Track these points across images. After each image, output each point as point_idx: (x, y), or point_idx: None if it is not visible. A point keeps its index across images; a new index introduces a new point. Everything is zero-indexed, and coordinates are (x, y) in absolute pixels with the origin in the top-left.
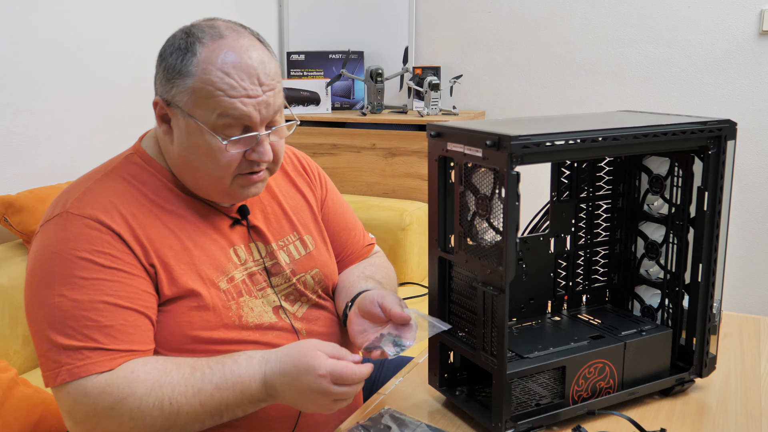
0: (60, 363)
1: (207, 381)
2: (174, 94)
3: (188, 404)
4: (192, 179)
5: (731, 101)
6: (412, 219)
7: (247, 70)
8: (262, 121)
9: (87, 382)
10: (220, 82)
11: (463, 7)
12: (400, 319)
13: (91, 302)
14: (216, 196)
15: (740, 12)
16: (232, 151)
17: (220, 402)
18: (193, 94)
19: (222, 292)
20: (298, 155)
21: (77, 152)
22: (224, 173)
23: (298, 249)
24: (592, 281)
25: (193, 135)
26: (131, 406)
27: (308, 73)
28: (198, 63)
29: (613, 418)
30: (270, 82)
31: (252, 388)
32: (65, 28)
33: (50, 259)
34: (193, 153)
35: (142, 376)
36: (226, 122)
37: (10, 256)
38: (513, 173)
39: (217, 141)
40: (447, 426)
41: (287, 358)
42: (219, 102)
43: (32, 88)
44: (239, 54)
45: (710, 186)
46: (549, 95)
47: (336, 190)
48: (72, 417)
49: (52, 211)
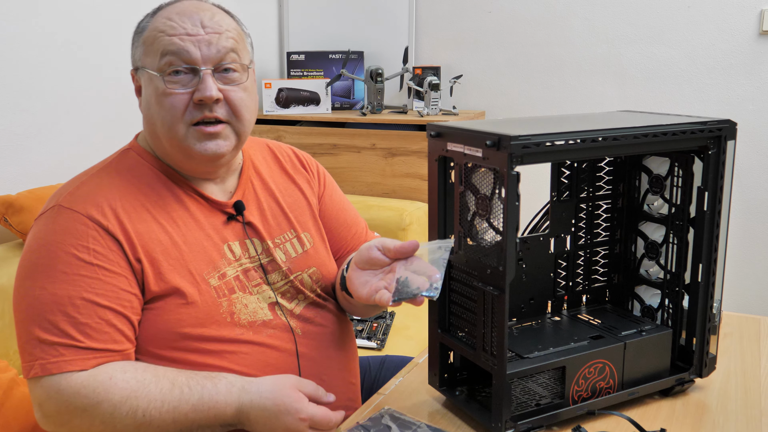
0: (35, 356)
1: (184, 401)
2: (134, 54)
3: (161, 419)
4: (157, 143)
5: (731, 101)
6: (412, 219)
7: (189, 15)
8: (204, 59)
9: (61, 380)
10: (163, 25)
11: (463, 7)
12: (407, 249)
13: (69, 297)
14: (178, 160)
15: (740, 12)
16: (173, 89)
17: (192, 422)
18: (144, 44)
19: (212, 288)
20: (297, 152)
21: (77, 152)
22: (173, 118)
23: (295, 247)
24: (592, 281)
25: (147, 86)
26: (104, 411)
27: (308, 73)
28: (152, 20)
29: (613, 418)
30: (215, 27)
31: (226, 414)
32: (66, 28)
33: (37, 252)
34: (150, 107)
35: (120, 384)
36: (168, 60)
37: (10, 256)
38: (513, 173)
39: (161, 82)
40: (447, 426)
41: (269, 394)
42: (160, 42)
43: (32, 88)
44: (188, 6)
45: (710, 186)
46: (549, 95)
47: (337, 188)
48: (42, 410)
49: (47, 205)
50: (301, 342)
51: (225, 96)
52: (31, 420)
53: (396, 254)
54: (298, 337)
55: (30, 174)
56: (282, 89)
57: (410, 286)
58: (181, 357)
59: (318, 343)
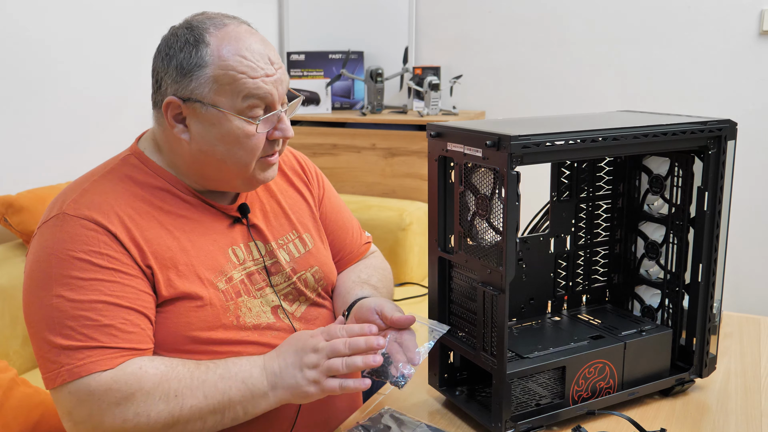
0: (60, 364)
1: (211, 372)
2: (193, 88)
3: (192, 396)
4: (214, 173)
5: (731, 101)
6: (412, 219)
7: (259, 52)
8: (280, 99)
9: (90, 381)
10: (240, 65)
11: (463, 7)
12: (403, 322)
13: (90, 302)
14: (235, 185)
15: (740, 12)
16: (260, 131)
17: (223, 394)
18: (215, 82)
19: (221, 292)
20: (296, 155)
21: (77, 152)
22: (252, 158)
23: (298, 247)
24: (592, 281)
25: (218, 125)
26: (138, 401)
27: (308, 73)
28: (212, 52)
29: (613, 418)
30: (278, 60)
31: (254, 376)
32: (66, 28)
33: (47, 261)
34: (219, 144)
35: (150, 371)
36: (251, 104)
37: (10, 256)
38: (513, 173)
39: (246, 124)
40: (447, 426)
41: (283, 342)
42: (244, 85)
43: (32, 88)
44: (246, 38)
45: (710, 186)
46: (549, 95)
47: (333, 190)
48: (73, 418)
49: (49, 212)
50: None
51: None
52: (30, 420)
53: (391, 324)
54: None
55: (30, 174)
56: None
57: (387, 369)
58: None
59: None
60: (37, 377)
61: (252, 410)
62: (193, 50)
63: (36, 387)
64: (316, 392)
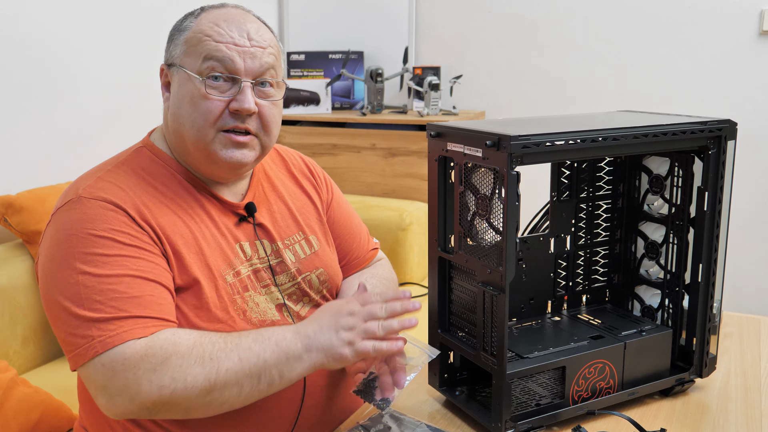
0: (91, 336)
1: (243, 336)
2: (171, 51)
3: (228, 359)
4: (183, 144)
5: (731, 101)
6: (412, 219)
7: (237, 25)
8: (247, 71)
9: (125, 349)
10: (210, 30)
11: (463, 7)
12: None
13: (117, 276)
14: (198, 160)
15: (740, 12)
16: (212, 94)
17: (257, 356)
18: (186, 44)
19: (229, 285)
20: (305, 159)
21: (77, 152)
22: (204, 122)
23: (304, 248)
24: (592, 281)
25: (182, 85)
26: (174, 365)
27: (308, 73)
28: (196, 21)
29: (613, 418)
30: (260, 41)
31: (287, 339)
32: (66, 28)
33: (67, 241)
34: (181, 106)
35: (184, 336)
36: (210, 65)
37: (10, 256)
38: (513, 173)
39: (201, 85)
40: (447, 426)
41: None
42: (205, 46)
43: (32, 88)
44: (233, 15)
45: (710, 186)
46: (549, 95)
47: (341, 194)
48: (108, 391)
49: (63, 199)
50: None
51: (259, 110)
52: (31, 420)
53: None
54: None
55: (30, 174)
56: None
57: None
58: None
59: None
60: (38, 377)
61: (287, 374)
62: (183, 19)
63: (36, 387)
64: (350, 354)
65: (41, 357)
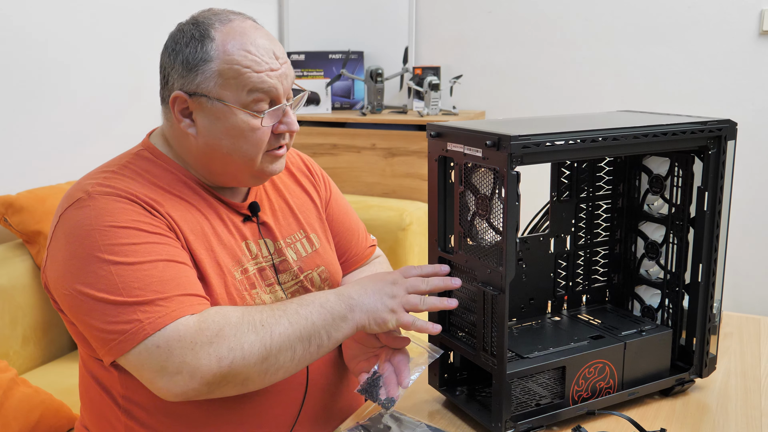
0: (139, 320)
1: (288, 303)
2: (199, 83)
3: (278, 323)
4: (221, 166)
5: (731, 101)
6: (412, 219)
7: (264, 47)
8: (285, 93)
9: (178, 326)
10: (245, 59)
11: (463, 7)
12: (397, 343)
13: (150, 262)
14: (243, 180)
15: (740, 12)
16: (266, 125)
17: (306, 318)
18: (220, 76)
19: (237, 281)
20: (302, 157)
21: (77, 152)
22: (257, 151)
23: (305, 246)
24: (592, 281)
25: (223, 119)
26: (228, 334)
27: (308, 73)
28: (217, 46)
29: (613, 418)
30: (283, 55)
31: (330, 300)
32: (66, 28)
33: (89, 237)
34: (224, 138)
35: (231, 310)
36: (256, 98)
37: (10, 256)
38: (513, 173)
39: (251, 118)
40: (447, 426)
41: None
42: (248, 79)
43: (32, 88)
44: (251, 33)
45: (710, 186)
46: (549, 95)
47: (339, 192)
48: (167, 371)
49: (69, 199)
50: None
51: None
52: (31, 420)
53: (386, 342)
54: None
55: (30, 174)
56: None
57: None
58: None
59: None
60: (38, 377)
61: (335, 334)
62: (198, 45)
63: (36, 387)
64: (391, 321)
65: (41, 357)
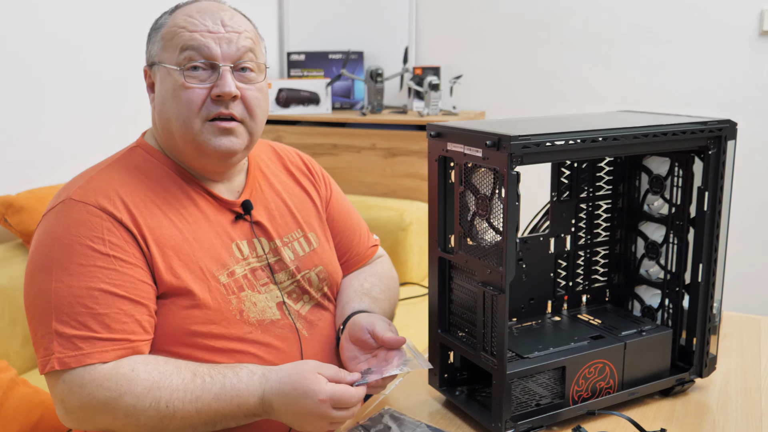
0: (51, 351)
1: (206, 390)
2: (150, 50)
3: (184, 410)
4: (173, 141)
5: (731, 101)
6: (412, 219)
7: (210, 13)
8: (224, 56)
9: (84, 373)
10: (184, 22)
11: (463, 7)
12: (392, 343)
13: (88, 289)
14: (190, 154)
15: (740, 12)
16: (192, 83)
17: (216, 412)
18: (162, 39)
19: (222, 285)
20: (302, 156)
21: (77, 152)
22: (189, 112)
23: (303, 246)
24: (592, 281)
25: (163, 81)
26: (127, 403)
27: (308, 73)
28: (171, 17)
29: (613, 418)
30: (235, 26)
31: (249, 404)
32: (66, 28)
33: (50, 245)
34: (165, 101)
35: (142, 376)
36: (188, 55)
37: (10, 256)
38: (513, 173)
39: (180, 76)
40: (447, 426)
41: (287, 379)
42: (180, 37)
43: (32, 89)
44: (208, 6)
45: (710, 186)
46: (549, 95)
47: (340, 191)
48: (64, 406)
49: (56, 200)
50: (306, 344)
51: (241, 94)
52: (30, 420)
53: (382, 344)
54: (303, 339)
55: (30, 174)
56: (282, 89)
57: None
58: (189, 354)
59: (322, 346)
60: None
61: (244, 423)
62: (158, 19)
63: (36, 387)
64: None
65: None
